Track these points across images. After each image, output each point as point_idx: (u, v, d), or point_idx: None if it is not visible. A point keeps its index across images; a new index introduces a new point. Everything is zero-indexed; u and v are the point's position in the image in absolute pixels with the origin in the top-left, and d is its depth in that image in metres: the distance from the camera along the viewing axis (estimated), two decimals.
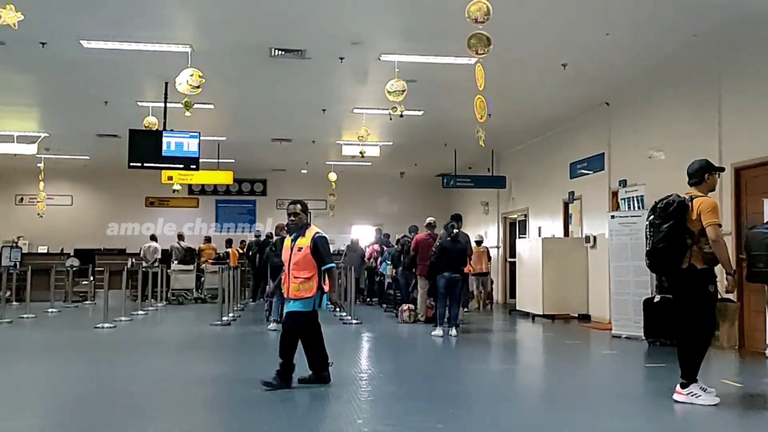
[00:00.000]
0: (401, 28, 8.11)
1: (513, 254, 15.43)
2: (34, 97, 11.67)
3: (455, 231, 10.02)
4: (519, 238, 15.51)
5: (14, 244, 17.48)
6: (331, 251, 6.56)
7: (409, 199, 20.62)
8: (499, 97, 10.20)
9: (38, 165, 16.25)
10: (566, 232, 13.29)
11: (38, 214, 17.50)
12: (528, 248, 13.21)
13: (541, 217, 14.58)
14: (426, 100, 11.12)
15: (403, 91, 8.83)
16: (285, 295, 6.08)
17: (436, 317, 10.06)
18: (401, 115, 9.35)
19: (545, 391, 6.48)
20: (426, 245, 10.91)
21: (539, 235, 14.05)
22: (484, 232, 17.32)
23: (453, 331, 9.71)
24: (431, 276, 10.34)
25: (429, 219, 11.55)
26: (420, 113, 11.86)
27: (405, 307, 11.61)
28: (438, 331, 9.73)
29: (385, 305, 14.21)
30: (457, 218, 11.31)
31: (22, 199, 19.67)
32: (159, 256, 16.25)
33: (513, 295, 14.89)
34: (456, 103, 10.85)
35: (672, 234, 5.14)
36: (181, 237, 16.74)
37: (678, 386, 5.20)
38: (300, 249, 5.95)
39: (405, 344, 9.70)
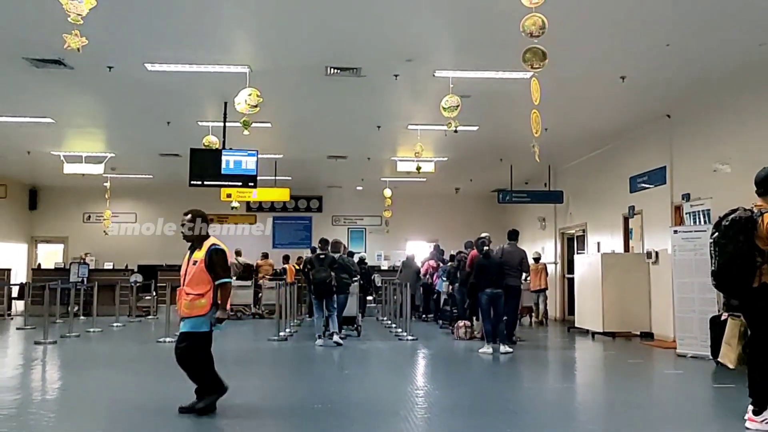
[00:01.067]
0: (456, 44, 8.12)
1: (571, 270, 15.16)
2: (101, 118, 12.13)
3: (485, 248, 9.96)
4: (577, 253, 15.23)
5: (82, 261, 18.18)
6: (385, 267, 6.37)
7: (464, 214, 20.50)
8: (555, 111, 10.10)
9: (105, 184, 16.86)
10: (626, 248, 12.97)
11: (104, 231, 18.14)
12: (587, 264, 12.94)
13: (600, 232, 14.26)
14: (481, 115, 11.08)
15: (458, 106, 8.81)
16: (178, 313, 5.57)
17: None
18: (456, 131, 9.33)
19: (606, 411, 6.30)
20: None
21: (598, 251, 13.74)
22: (542, 248, 17.09)
23: (503, 348, 9.56)
24: (472, 294, 10.25)
25: (482, 235, 11.45)
26: (475, 128, 11.82)
27: (461, 323, 11.52)
28: (486, 349, 9.57)
29: (441, 321, 14.13)
30: (514, 234, 11.19)
31: (89, 216, 20.42)
32: None
33: (571, 311, 14.60)
34: (511, 117, 10.78)
35: (738, 255, 4.79)
36: (238, 253, 17.05)
37: (750, 412, 4.90)
38: (195, 263, 5.48)
39: (461, 361, 9.60)
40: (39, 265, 19.73)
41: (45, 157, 14.76)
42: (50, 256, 20.49)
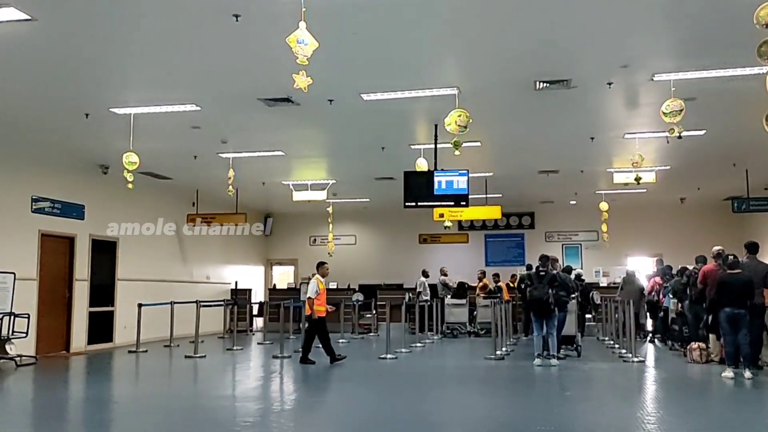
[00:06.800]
0: (676, 44, 7.54)
1: None
2: (323, 148, 13.09)
3: (730, 259, 9.11)
4: None
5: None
6: (604, 284, 6.09)
7: (691, 226, 18.88)
8: None
9: (327, 209, 18.13)
10: None
11: (328, 253, 19.46)
12: None
13: None
14: (708, 118, 10.16)
15: (681, 110, 8.17)
16: None
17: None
18: (680, 137, 8.64)
19: None
20: (715, 277, 9.86)
21: None
22: None
23: (746, 373, 8.59)
24: (711, 311, 9.39)
25: (716, 248, 10.46)
26: (702, 133, 10.86)
27: (695, 345, 10.57)
28: (728, 373, 8.69)
29: (670, 342, 13.09)
30: (754, 247, 10.04)
31: (315, 240, 22.08)
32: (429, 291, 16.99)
33: None
34: (745, 118, 9.75)
35: None
36: (443, 272, 17.28)
37: None
38: None
39: (697, 387, 8.80)
40: (274, 285, 21.73)
41: (277, 186, 16.25)
42: (283, 277, 22.49)
